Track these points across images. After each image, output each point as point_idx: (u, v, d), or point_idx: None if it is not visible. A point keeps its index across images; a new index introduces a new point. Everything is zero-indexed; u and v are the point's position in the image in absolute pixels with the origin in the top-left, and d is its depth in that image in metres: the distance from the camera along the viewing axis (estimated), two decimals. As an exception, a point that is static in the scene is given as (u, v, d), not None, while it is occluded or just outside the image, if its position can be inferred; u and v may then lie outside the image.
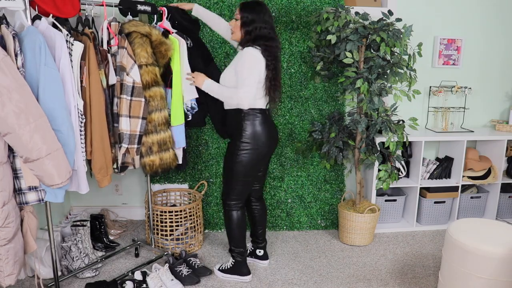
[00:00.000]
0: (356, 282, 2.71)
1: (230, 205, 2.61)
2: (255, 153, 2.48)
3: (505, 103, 3.77)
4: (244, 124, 2.47)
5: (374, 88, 2.88)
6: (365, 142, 3.10)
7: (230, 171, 2.53)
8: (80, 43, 2.12)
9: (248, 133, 2.47)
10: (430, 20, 3.50)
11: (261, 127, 2.48)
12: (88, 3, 2.34)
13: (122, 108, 2.39)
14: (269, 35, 2.41)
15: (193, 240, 3.06)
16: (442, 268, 2.37)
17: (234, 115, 2.51)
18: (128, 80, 2.37)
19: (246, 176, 2.53)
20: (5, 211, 1.92)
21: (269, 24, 2.43)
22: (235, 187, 2.56)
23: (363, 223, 3.13)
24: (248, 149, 2.47)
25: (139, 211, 3.59)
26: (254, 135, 2.47)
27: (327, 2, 3.15)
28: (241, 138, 2.47)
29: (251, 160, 2.49)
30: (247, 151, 2.47)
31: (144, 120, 2.46)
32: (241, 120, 2.48)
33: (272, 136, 2.56)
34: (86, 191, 2.25)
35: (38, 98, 1.94)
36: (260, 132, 2.47)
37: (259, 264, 2.89)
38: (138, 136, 2.46)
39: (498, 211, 3.59)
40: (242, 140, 2.47)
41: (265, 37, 2.40)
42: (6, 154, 1.93)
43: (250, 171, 2.53)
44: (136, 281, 2.55)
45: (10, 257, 1.99)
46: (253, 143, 2.47)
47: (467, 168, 3.50)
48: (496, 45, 3.63)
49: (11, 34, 1.89)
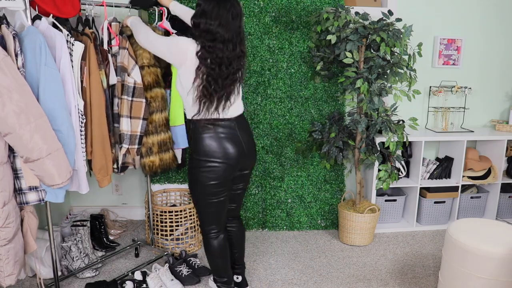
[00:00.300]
0: (356, 282, 2.71)
1: (207, 232, 2.26)
2: (213, 171, 2.10)
3: (505, 103, 3.78)
4: (197, 138, 2.12)
5: (374, 88, 2.88)
6: (365, 142, 3.10)
7: (193, 193, 2.22)
8: (81, 43, 2.12)
9: (200, 148, 2.10)
10: (430, 20, 3.50)
11: (213, 141, 2.09)
12: (88, 3, 2.34)
13: (123, 109, 2.39)
14: (216, 34, 1.97)
15: (193, 240, 3.06)
16: (442, 268, 2.37)
17: (188, 127, 2.21)
18: (129, 81, 2.37)
19: (210, 198, 2.16)
20: (5, 211, 1.92)
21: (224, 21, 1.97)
22: (205, 211, 2.22)
23: (363, 223, 3.13)
24: (205, 167, 2.10)
25: (139, 211, 3.59)
26: (207, 150, 2.09)
27: (327, 2, 3.15)
28: (194, 153, 2.14)
29: (210, 179, 2.11)
30: (204, 168, 2.11)
31: (144, 121, 2.46)
32: (193, 133, 2.14)
33: (234, 152, 2.12)
34: (86, 191, 2.25)
35: (38, 98, 1.94)
36: (213, 147, 2.09)
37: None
38: (139, 137, 2.46)
39: (498, 211, 3.60)
40: (196, 157, 2.12)
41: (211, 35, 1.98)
42: (7, 154, 1.93)
43: (214, 192, 2.15)
44: (136, 281, 2.55)
45: (11, 257, 1.99)
46: (207, 160, 2.10)
47: (467, 168, 3.50)
48: (496, 45, 3.63)
49: (11, 34, 1.88)
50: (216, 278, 2.40)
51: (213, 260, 2.33)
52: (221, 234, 2.29)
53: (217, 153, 2.10)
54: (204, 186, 2.14)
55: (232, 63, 2.04)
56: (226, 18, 1.97)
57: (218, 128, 2.11)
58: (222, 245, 2.29)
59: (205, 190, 2.15)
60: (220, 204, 2.21)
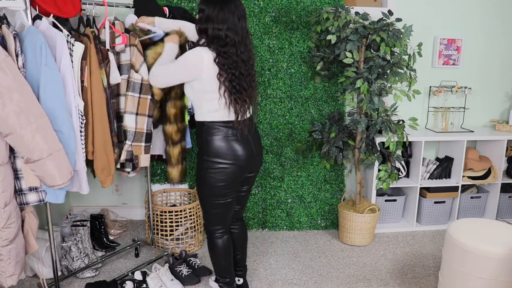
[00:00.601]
0: (356, 282, 2.71)
1: (212, 231, 2.28)
2: (223, 172, 2.11)
3: (505, 103, 3.78)
4: (207, 139, 2.12)
5: (374, 88, 2.88)
6: (365, 142, 3.10)
7: (200, 193, 2.22)
8: (81, 44, 2.12)
9: (211, 149, 2.10)
10: (430, 20, 3.50)
11: (224, 142, 2.10)
12: (89, 3, 2.34)
13: (127, 105, 2.40)
14: (227, 39, 1.99)
15: (193, 240, 3.07)
16: (442, 268, 2.37)
17: (198, 128, 2.18)
18: (136, 78, 2.37)
19: (217, 199, 2.17)
20: (6, 211, 1.92)
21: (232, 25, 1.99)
22: (211, 211, 2.23)
23: (363, 223, 3.13)
24: (214, 168, 2.11)
25: (139, 211, 3.59)
26: (217, 151, 2.10)
27: (327, 2, 3.16)
28: (203, 155, 2.14)
29: (218, 181, 2.12)
30: (212, 170, 2.11)
31: (150, 118, 2.46)
32: (203, 134, 2.13)
33: (244, 154, 2.13)
34: (87, 191, 2.25)
35: (39, 98, 1.94)
36: (224, 148, 2.10)
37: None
38: (146, 134, 2.46)
39: (498, 211, 3.60)
40: (205, 158, 2.13)
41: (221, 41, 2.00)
42: (7, 154, 1.93)
43: (222, 193, 2.16)
44: (136, 281, 2.55)
45: (12, 258, 1.99)
46: (217, 161, 2.11)
47: (467, 168, 3.51)
48: (496, 45, 3.64)
49: (12, 34, 1.88)
50: (219, 278, 2.40)
51: (217, 260, 2.33)
52: (226, 235, 2.30)
53: (228, 154, 2.10)
54: (212, 187, 2.14)
55: (246, 63, 2.07)
56: (233, 21, 1.98)
57: (229, 130, 2.11)
58: (227, 246, 2.30)
59: (213, 191, 2.15)
60: (227, 205, 2.21)
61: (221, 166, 2.10)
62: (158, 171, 3.31)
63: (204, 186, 2.16)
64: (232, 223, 2.42)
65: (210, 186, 2.14)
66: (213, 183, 2.13)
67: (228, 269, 2.36)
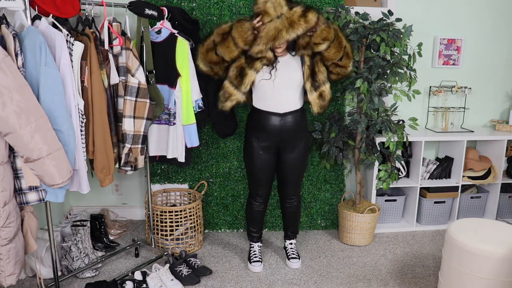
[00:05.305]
0: (356, 282, 2.71)
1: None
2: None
3: (505, 103, 3.78)
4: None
5: (374, 88, 2.88)
6: (365, 142, 3.10)
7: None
8: (81, 43, 2.12)
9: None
10: (430, 20, 3.50)
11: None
12: (88, 3, 2.34)
13: (125, 109, 2.41)
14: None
15: (193, 240, 3.07)
16: (442, 268, 2.37)
17: (302, 115, 2.75)
18: (133, 81, 2.39)
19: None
20: (6, 211, 1.92)
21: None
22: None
23: (363, 223, 3.13)
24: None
25: (139, 211, 3.59)
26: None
27: (327, 2, 3.15)
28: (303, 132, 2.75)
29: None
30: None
31: (148, 121, 2.49)
32: (304, 117, 2.77)
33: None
34: (87, 191, 2.26)
35: (38, 98, 1.94)
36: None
37: (290, 265, 2.90)
38: (142, 136, 2.49)
39: (498, 211, 3.60)
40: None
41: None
42: (7, 154, 1.93)
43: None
44: (136, 281, 2.55)
45: (11, 257, 1.99)
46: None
47: (467, 168, 3.51)
48: (496, 45, 3.63)
49: (11, 34, 1.89)
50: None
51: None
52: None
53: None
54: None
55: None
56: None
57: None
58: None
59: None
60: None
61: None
62: (158, 171, 3.31)
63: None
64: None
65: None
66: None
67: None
